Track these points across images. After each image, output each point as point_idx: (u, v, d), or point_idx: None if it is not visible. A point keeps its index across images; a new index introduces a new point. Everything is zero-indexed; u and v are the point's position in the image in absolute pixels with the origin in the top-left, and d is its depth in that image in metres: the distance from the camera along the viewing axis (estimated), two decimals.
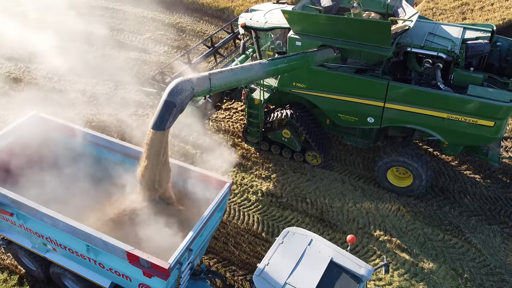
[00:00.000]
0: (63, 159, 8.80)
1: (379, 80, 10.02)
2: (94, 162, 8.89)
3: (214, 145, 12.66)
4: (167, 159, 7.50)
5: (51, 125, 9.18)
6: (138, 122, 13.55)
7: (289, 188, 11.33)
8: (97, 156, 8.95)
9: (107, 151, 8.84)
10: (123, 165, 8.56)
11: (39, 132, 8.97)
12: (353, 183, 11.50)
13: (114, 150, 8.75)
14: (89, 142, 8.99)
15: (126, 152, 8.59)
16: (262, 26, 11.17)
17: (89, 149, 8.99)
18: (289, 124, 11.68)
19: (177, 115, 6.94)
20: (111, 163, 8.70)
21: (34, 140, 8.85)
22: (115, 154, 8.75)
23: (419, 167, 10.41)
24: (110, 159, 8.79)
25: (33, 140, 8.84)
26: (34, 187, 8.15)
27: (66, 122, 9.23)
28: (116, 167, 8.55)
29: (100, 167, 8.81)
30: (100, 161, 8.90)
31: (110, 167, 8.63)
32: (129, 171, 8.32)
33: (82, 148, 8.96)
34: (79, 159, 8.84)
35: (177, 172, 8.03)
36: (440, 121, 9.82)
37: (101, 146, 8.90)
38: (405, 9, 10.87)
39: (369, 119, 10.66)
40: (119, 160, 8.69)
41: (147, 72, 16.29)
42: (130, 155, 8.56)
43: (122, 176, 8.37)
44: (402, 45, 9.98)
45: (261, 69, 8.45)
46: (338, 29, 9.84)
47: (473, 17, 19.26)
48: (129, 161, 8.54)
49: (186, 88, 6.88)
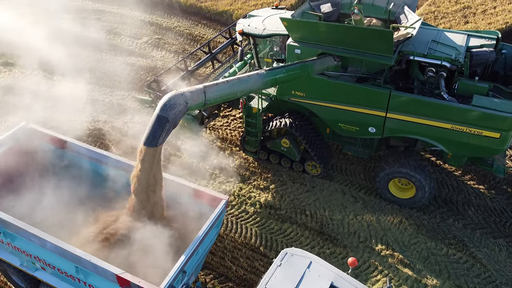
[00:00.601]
0: (53, 173, 8.50)
1: (380, 90, 9.71)
2: (85, 176, 8.61)
3: (211, 154, 12.38)
4: (160, 175, 7.19)
5: (41, 137, 8.88)
6: (134, 130, 13.23)
7: (288, 199, 11.02)
8: (88, 170, 8.66)
9: (98, 164, 8.53)
10: (115, 179, 8.28)
11: (29, 144, 8.68)
12: (354, 194, 11.19)
13: (105, 163, 8.46)
14: (80, 155, 8.69)
15: (119, 166, 8.29)
16: (260, 33, 10.85)
17: (80, 162, 8.70)
18: (288, 133, 11.38)
19: (170, 131, 6.65)
20: (103, 177, 8.41)
21: (23, 153, 8.58)
22: (107, 168, 8.45)
23: (422, 179, 10.10)
24: (101, 173, 8.50)
25: (22, 153, 8.57)
26: (23, 203, 7.87)
27: (56, 134, 8.94)
28: (108, 181, 8.26)
29: (92, 181, 8.52)
30: (91, 175, 8.62)
31: (102, 181, 8.35)
32: (122, 186, 8.03)
33: (73, 161, 8.67)
34: (69, 173, 8.55)
35: (171, 188, 7.72)
36: (444, 132, 9.50)
37: (93, 159, 8.60)
38: (407, 15, 10.56)
39: (371, 129, 10.34)
40: (111, 173, 8.39)
41: (144, 78, 15.98)
42: (123, 169, 8.26)
43: (114, 191, 8.08)
44: (405, 53, 9.68)
45: (258, 80, 8.15)
46: (338, 37, 9.54)
47: (476, 20, 18.96)
48: (121, 175, 8.24)
49: (179, 102, 6.59)
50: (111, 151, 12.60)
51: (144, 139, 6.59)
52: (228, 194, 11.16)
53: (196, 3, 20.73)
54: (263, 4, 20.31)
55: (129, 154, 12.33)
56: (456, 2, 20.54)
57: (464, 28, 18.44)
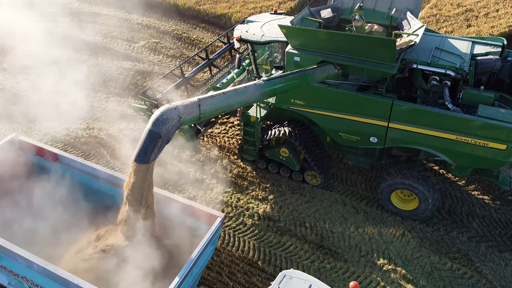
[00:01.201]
0: (43, 187, 8.18)
1: (383, 99, 9.40)
2: (76, 190, 8.29)
3: (208, 164, 12.07)
4: (152, 191, 6.88)
5: (31, 149, 8.57)
6: (130, 137, 12.91)
7: (287, 210, 10.70)
8: (79, 184, 8.34)
9: (89, 178, 8.22)
10: (107, 194, 7.97)
11: (18, 157, 8.37)
12: (355, 205, 10.87)
13: (97, 177, 8.15)
14: (71, 168, 8.38)
15: (110, 180, 7.99)
16: (258, 39, 10.53)
17: (71, 176, 8.37)
18: (287, 142, 11.06)
19: (163, 147, 6.35)
20: (94, 192, 8.10)
21: (12, 166, 8.26)
22: (98, 182, 8.14)
23: (425, 191, 9.79)
24: (92, 187, 8.20)
25: (11, 167, 8.25)
26: (10, 219, 7.56)
27: (47, 147, 8.62)
28: (99, 196, 7.95)
29: (82, 196, 8.21)
30: (82, 189, 8.30)
31: (93, 196, 8.04)
32: (113, 201, 7.72)
33: (63, 175, 8.34)
34: (60, 188, 8.23)
35: (165, 204, 7.42)
36: (448, 143, 9.19)
37: (84, 172, 8.29)
38: (410, 21, 10.25)
39: (372, 139, 10.03)
40: (102, 188, 8.09)
41: (141, 83, 15.67)
42: (114, 184, 7.95)
43: (105, 207, 7.77)
44: (407, 62, 9.37)
45: (256, 91, 7.83)
46: (339, 45, 9.23)
47: (478, 24, 18.64)
48: (113, 190, 7.93)
49: (172, 117, 6.28)
50: (106, 159, 12.33)
51: (135, 155, 6.28)
52: (226, 205, 10.85)
53: (194, 6, 20.42)
54: (262, 7, 20.01)
55: (124, 164, 12.07)
56: (458, 5, 20.23)
57: (466, 31, 18.13)
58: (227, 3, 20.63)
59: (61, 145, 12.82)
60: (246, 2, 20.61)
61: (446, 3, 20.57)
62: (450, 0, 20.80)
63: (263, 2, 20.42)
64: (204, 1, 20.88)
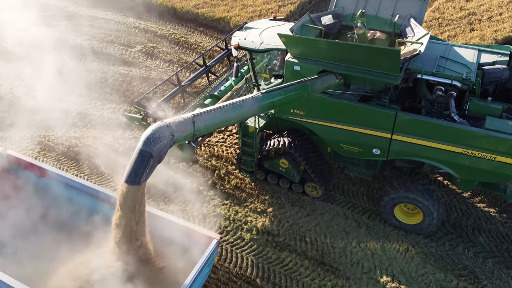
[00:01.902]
0: (30, 204, 7.82)
1: (386, 110, 9.04)
2: (65, 207, 7.93)
3: (205, 174, 11.72)
4: (144, 213, 6.53)
5: (19, 164, 8.22)
6: (125, 146, 12.58)
7: (287, 224, 10.35)
8: (68, 200, 7.99)
9: (79, 194, 7.86)
10: (97, 211, 7.62)
11: (5, 172, 8.01)
12: (357, 218, 10.52)
13: (86, 193, 7.79)
14: (62, 184, 8.03)
15: (100, 197, 7.64)
16: (257, 47, 10.16)
17: (60, 192, 8.02)
18: (287, 154, 10.70)
19: (155, 166, 5.99)
20: (83, 209, 7.75)
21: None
22: (87, 198, 7.78)
23: (430, 205, 9.43)
24: (82, 203, 7.84)
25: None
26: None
27: (36, 162, 8.26)
28: (89, 213, 7.60)
29: (71, 213, 7.86)
30: (71, 206, 7.95)
31: (82, 213, 7.68)
32: (103, 220, 7.36)
33: (52, 191, 8.00)
34: (48, 204, 7.88)
35: (159, 225, 7.06)
36: (454, 156, 8.84)
37: (73, 188, 7.93)
38: (414, 28, 9.89)
39: (375, 151, 9.68)
40: (92, 205, 7.73)
41: (137, 89, 15.32)
42: (104, 200, 7.60)
43: (94, 226, 7.41)
44: (412, 71, 9.01)
45: (254, 104, 7.47)
46: (341, 55, 8.87)
47: (481, 28, 18.29)
48: (103, 207, 7.58)
49: (164, 135, 5.92)
50: (100, 170, 11.97)
51: (126, 176, 5.93)
52: (223, 218, 10.49)
53: (192, 10, 20.06)
54: (261, 11, 19.66)
55: (119, 174, 11.71)
56: (461, 9, 19.88)
57: (469, 36, 17.78)
58: (225, 6, 20.27)
59: (54, 155, 12.48)
60: (245, 5, 20.26)
61: (449, 6, 20.23)
62: (452, 3, 20.46)
63: (262, 6, 20.07)
64: (202, 4, 20.53)
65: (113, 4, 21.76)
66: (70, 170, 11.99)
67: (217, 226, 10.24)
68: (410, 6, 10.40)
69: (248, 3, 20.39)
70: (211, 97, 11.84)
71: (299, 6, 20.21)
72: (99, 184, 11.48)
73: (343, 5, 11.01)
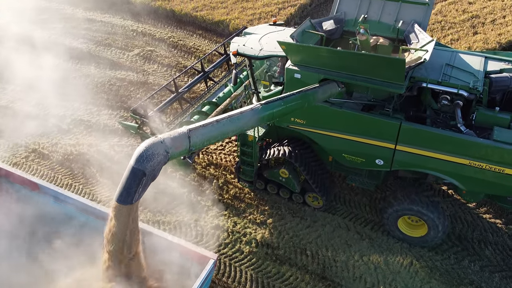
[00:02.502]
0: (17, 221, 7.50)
1: (390, 120, 8.73)
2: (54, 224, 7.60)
3: (203, 183, 11.41)
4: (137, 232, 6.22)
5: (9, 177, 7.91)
6: (121, 154, 12.28)
7: (287, 236, 10.04)
8: (58, 215, 7.66)
9: (71, 209, 7.56)
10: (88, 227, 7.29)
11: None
12: (359, 230, 10.21)
13: (79, 208, 7.48)
14: (53, 199, 7.72)
15: (92, 212, 7.32)
16: (256, 54, 9.84)
17: (50, 207, 7.70)
18: (287, 163, 10.39)
19: (148, 185, 5.69)
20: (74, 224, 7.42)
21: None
22: (80, 213, 7.48)
23: (435, 218, 9.13)
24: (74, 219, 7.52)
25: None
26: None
27: (26, 175, 7.94)
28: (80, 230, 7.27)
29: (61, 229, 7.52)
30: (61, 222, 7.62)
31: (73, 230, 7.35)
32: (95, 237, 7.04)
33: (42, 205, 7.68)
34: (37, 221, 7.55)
35: (153, 243, 6.75)
36: (460, 168, 8.53)
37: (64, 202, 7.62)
38: (418, 34, 9.58)
39: (378, 161, 9.37)
40: (84, 220, 7.41)
41: (134, 95, 15.02)
42: (97, 216, 7.29)
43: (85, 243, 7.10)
44: (416, 80, 8.70)
45: (253, 116, 7.15)
46: (343, 63, 8.57)
47: (485, 31, 17.99)
48: (95, 222, 7.27)
49: (158, 152, 5.62)
50: (95, 179, 11.67)
51: (117, 195, 5.63)
52: (222, 230, 10.18)
53: (191, 12, 19.76)
54: (261, 13, 19.35)
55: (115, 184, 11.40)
56: (464, 11, 19.58)
57: (473, 39, 17.47)
58: (225, 9, 19.97)
59: (48, 163, 12.17)
60: (245, 8, 19.96)
61: (451, 9, 19.93)
62: (455, 6, 20.16)
63: (262, 8, 19.77)
64: (201, 7, 20.23)
65: (111, 6, 21.48)
66: (64, 178, 11.70)
67: (215, 239, 9.94)
68: (414, 12, 10.09)
69: (247, 6, 20.10)
70: (209, 104, 11.54)
71: (299, 8, 19.92)
72: (94, 194, 11.21)
73: (345, 10, 10.70)
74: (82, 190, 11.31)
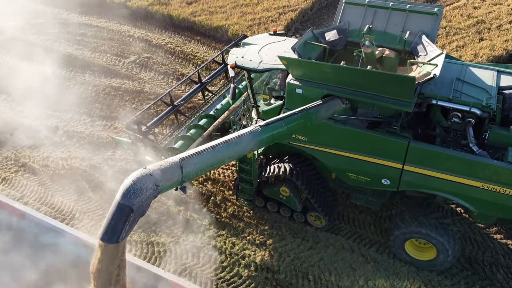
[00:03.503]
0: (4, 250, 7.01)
1: (397, 139, 8.22)
2: (42, 254, 7.10)
3: (200, 201, 10.91)
4: (124, 270, 5.72)
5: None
6: (115, 169, 11.77)
7: (288, 259, 9.53)
8: (46, 245, 7.16)
9: (57, 238, 7.05)
10: (77, 258, 6.79)
11: None
12: (364, 252, 9.70)
13: (66, 238, 6.98)
14: (39, 227, 7.20)
15: (81, 242, 6.81)
16: (256, 66, 9.33)
17: (36, 236, 7.20)
18: (288, 181, 9.88)
19: (136, 221, 5.19)
20: (61, 256, 6.92)
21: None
22: (67, 243, 6.97)
23: (445, 242, 8.62)
24: (61, 250, 7.01)
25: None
26: None
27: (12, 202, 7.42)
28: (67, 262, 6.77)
29: (48, 261, 7.01)
30: (49, 252, 7.11)
31: (60, 261, 6.85)
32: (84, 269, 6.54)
33: (29, 234, 7.17)
34: (23, 250, 7.05)
35: (143, 277, 6.25)
36: (472, 191, 8.02)
37: (52, 231, 7.12)
38: (426, 47, 9.08)
39: (384, 181, 8.87)
40: (71, 250, 6.90)
41: (129, 105, 14.50)
42: (86, 246, 6.79)
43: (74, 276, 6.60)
44: (426, 96, 8.19)
45: (252, 140, 6.63)
46: (347, 79, 8.06)
47: (491, 37, 17.50)
48: (84, 253, 6.77)
49: (146, 186, 5.12)
50: (87, 196, 11.16)
51: (102, 233, 5.12)
52: (219, 251, 9.68)
53: (189, 17, 19.26)
54: (261, 18, 18.84)
55: (108, 203, 10.90)
56: (469, 16, 19.08)
57: (479, 46, 16.96)
58: (224, 14, 19.46)
59: (38, 178, 11.65)
60: (244, 13, 19.46)
61: (456, 13, 19.44)
62: (460, 11, 19.67)
63: (262, 13, 19.26)
64: (199, 12, 19.73)
65: (107, 11, 21.00)
66: (55, 195, 11.18)
67: (212, 261, 9.43)
68: (422, 22, 9.60)
69: (247, 11, 19.59)
70: (206, 117, 11.05)
71: (300, 13, 19.41)
72: (86, 212, 10.71)
73: (348, 20, 10.21)
74: (73, 208, 10.80)
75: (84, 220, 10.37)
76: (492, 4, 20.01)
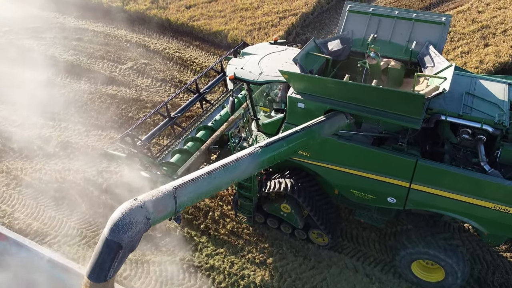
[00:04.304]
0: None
1: (404, 157, 7.81)
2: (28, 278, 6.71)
3: (197, 216, 10.51)
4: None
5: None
6: (110, 182, 11.37)
7: (289, 279, 9.12)
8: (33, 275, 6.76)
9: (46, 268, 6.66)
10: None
11: None
12: (368, 271, 9.30)
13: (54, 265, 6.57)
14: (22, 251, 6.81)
15: (68, 270, 6.41)
16: (255, 79, 8.92)
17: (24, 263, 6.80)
18: (289, 197, 9.48)
19: (126, 257, 4.78)
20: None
21: None
22: (55, 271, 6.57)
23: (454, 264, 8.21)
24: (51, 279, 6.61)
25: None
26: None
27: None
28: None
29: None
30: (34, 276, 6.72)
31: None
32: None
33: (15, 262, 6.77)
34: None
35: None
36: (484, 211, 7.62)
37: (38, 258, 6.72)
38: (434, 58, 8.66)
39: (390, 200, 8.46)
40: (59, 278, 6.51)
41: (125, 113, 14.10)
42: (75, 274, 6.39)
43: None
44: (434, 112, 7.78)
45: (252, 162, 6.21)
46: (352, 94, 7.65)
47: (496, 42, 17.08)
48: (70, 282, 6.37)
49: (137, 220, 4.71)
50: (80, 210, 10.76)
51: (89, 271, 4.72)
52: (217, 271, 9.28)
53: (188, 22, 18.83)
54: (261, 23, 18.41)
55: (102, 216, 10.51)
56: (473, 21, 18.65)
57: (484, 52, 16.54)
58: (223, 18, 19.03)
59: (30, 192, 11.25)
60: (244, 17, 19.03)
61: (460, 18, 19.01)
62: (464, 15, 19.25)
63: (262, 18, 18.83)
64: (198, 16, 19.31)
65: (104, 15, 20.59)
66: (47, 210, 10.78)
67: (210, 282, 9.03)
68: (429, 32, 9.18)
69: (247, 15, 19.16)
70: (204, 129, 10.64)
71: (301, 17, 18.98)
72: (79, 228, 10.30)
73: (352, 29, 9.79)
74: (66, 224, 10.40)
75: (76, 237, 9.97)
76: (497, 8, 19.59)
